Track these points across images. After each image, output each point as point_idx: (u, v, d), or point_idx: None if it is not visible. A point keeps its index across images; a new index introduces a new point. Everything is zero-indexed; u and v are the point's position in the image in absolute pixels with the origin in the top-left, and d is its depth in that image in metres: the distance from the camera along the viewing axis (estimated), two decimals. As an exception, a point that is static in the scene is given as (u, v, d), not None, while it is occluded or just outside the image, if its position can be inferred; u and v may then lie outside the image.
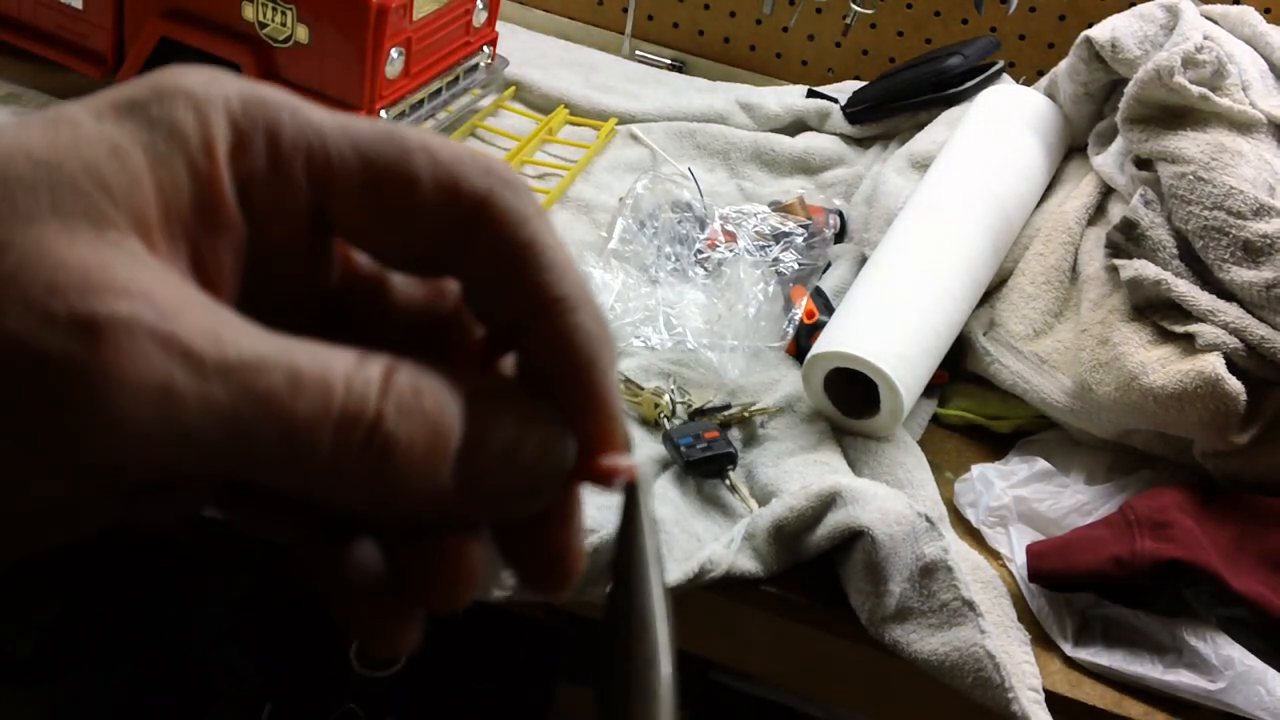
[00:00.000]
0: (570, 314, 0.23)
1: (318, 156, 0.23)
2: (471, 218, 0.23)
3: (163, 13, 0.95)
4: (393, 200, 0.23)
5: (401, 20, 0.94)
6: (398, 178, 0.23)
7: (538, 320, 0.23)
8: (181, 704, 1.29)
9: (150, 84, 0.22)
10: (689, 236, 0.98)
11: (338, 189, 0.23)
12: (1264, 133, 0.89)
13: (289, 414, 0.20)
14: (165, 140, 0.21)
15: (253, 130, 0.22)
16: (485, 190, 0.23)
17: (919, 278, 0.87)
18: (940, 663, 0.69)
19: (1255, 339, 0.78)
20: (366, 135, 0.23)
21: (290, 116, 0.23)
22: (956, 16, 1.31)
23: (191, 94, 0.22)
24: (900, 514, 0.72)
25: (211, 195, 0.22)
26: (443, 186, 0.23)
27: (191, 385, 0.19)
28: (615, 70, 1.28)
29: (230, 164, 0.22)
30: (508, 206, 0.23)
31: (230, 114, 0.22)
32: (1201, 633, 0.72)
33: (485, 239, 0.23)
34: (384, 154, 0.23)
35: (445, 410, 0.22)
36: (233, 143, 0.22)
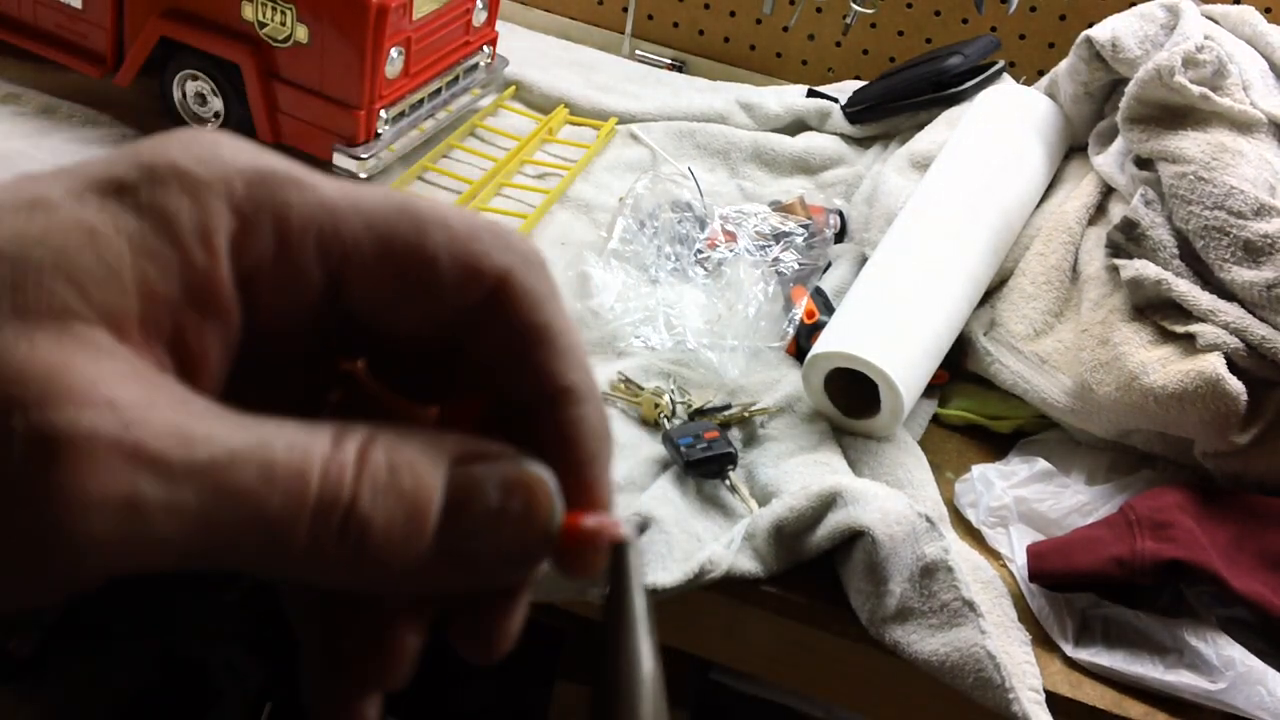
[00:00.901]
0: (576, 406, 0.23)
1: (329, 237, 0.22)
2: (488, 297, 0.22)
3: (162, 12, 0.95)
4: (409, 280, 0.22)
5: (401, 20, 0.94)
6: (414, 257, 0.22)
7: (544, 407, 0.23)
8: (181, 704, 1.29)
9: (140, 162, 0.21)
10: (689, 236, 0.98)
11: (351, 270, 0.22)
12: (1264, 132, 0.89)
13: (263, 509, 0.19)
14: (154, 230, 0.20)
15: (258, 216, 0.21)
16: (505, 269, 0.22)
17: (919, 278, 0.87)
18: (941, 663, 0.69)
19: (1256, 339, 0.78)
20: (380, 211, 0.22)
21: (299, 195, 0.21)
22: (957, 16, 1.31)
23: (188, 176, 0.20)
24: (901, 514, 0.72)
25: (208, 287, 0.21)
26: (461, 265, 0.22)
27: (159, 494, 0.18)
28: (615, 70, 1.27)
29: (231, 254, 0.21)
30: (526, 287, 0.22)
31: (233, 199, 0.21)
32: (1202, 633, 0.72)
33: (500, 318, 0.22)
34: (399, 232, 0.22)
35: (423, 486, 0.21)
36: (235, 230, 0.21)
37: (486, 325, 0.23)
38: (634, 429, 0.83)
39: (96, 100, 1.03)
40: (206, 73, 0.97)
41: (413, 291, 0.22)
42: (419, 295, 0.22)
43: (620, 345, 0.89)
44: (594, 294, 0.91)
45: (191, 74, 0.97)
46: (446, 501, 0.21)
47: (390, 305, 0.23)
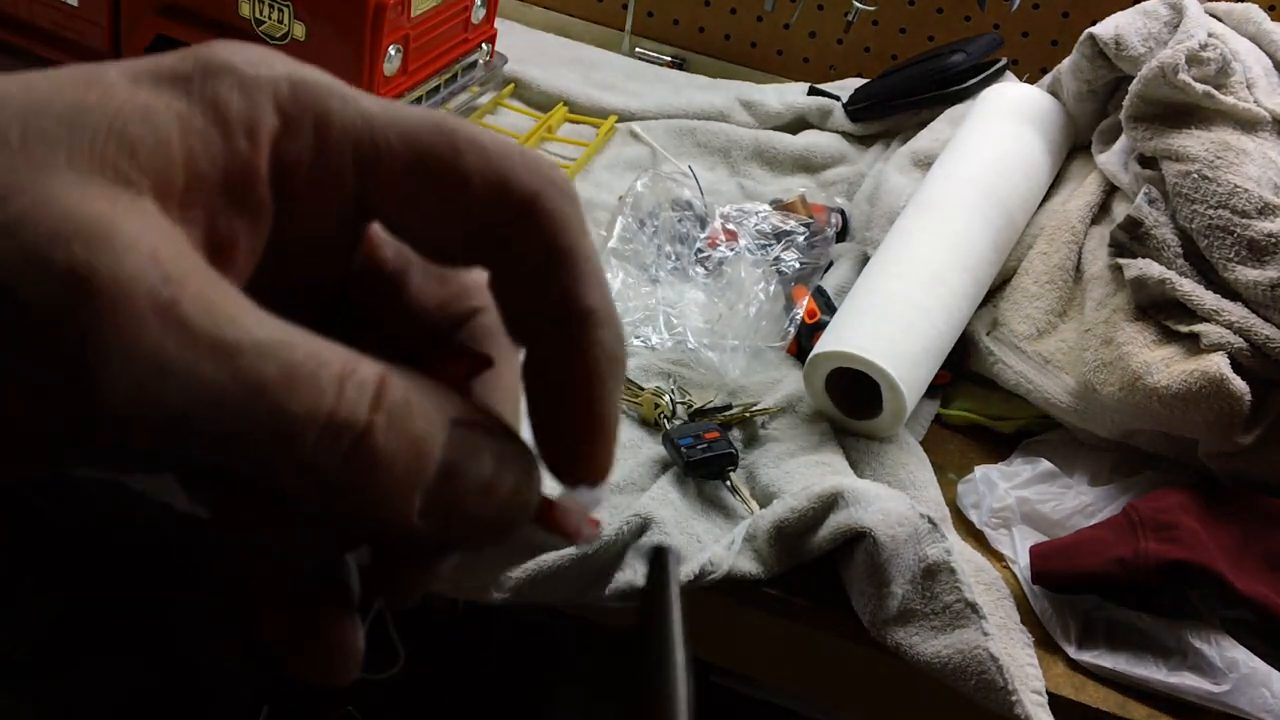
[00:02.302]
0: (596, 328, 0.23)
1: (365, 147, 0.22)
2: (516, 217, 0.23)
3: (158, 10, 0.95)
4: (440, 194, 0.23)
5: (399, 17, 0.93)
6: (447, 172, 0.22)
7: (562, 328, 0.23)
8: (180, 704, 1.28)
9: (197, 57, 0.21)
10: (689, 235, 0.98)
11: (383, 180, 0.22)
12: (1269, 131, 0.88)
13: (278, 408, 0.19)
14: (204, 115, 0.21)
15: (301, 117, 0.22)
16: (534, 191, 0.23)
17: (921, 277, 0.87)
18: (943, 665, 0.68)
19: (1260, 339, 0.78)
20: (416, 126, 0.22)
21: (340, 104, 0.22)
22: (959, 13, 1.30)
23: (239, 73, 0.21)
24: (902, 515, 0.71)
25: (247, 178, 0.21)
26: (491, 183, 0.23)
27: (183, 360, 0.18)
28: (615, 67, 1.27)
29: (272, 150, 0.22)
30: (554, 210, 0.23)
31: (278, 98, 0.22)
32: (1206, 635, 0.72)
33: (527, 239, 0.23)
34: (434, 147, 0.22)
35: (431, 434, 0.21)
36: (278, 128, 0.22)
37: (511, 246, 0.23)
38: (634, 429, 0.82)
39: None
40: (204, 70, 0.96)
41: (441, 205, 0.23)
42: (449, 210, 0.23)
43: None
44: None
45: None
46: (444, 459, 0.21)
47: (417, 217, 0.23)
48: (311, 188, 0.22)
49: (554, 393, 0.24)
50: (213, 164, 0.21)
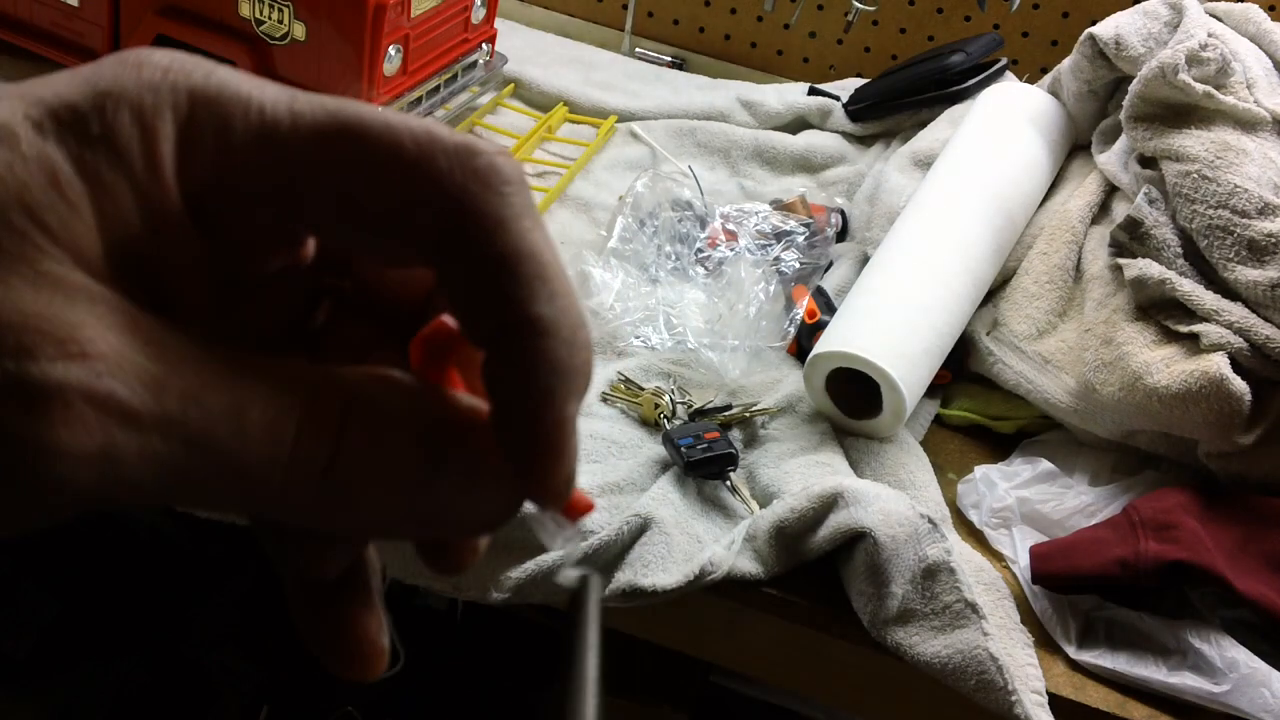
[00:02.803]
0: (538, 338, 0.21)
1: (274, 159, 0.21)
2: (446, 222, 0.21)
3: (159, 10, 0.95)
4: (359, 207, 0.21)
5: (399, 17, 0.93)
6: (364, 184, 0.21)
7: (503, 340, 0.22)
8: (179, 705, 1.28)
9: (95, 87, 0.21)
10: (689, 235, 0.98)
11: (301, 192, 0.21)
12: (1269, 131, 0.88)
13: (237, 464, 0.20)
14: (107, 160, 0.20)
15: (201, 138, 0.21)
16: (458, 192, 0.21)
17: (921, 277, 0.87)
18: (943, 665, 0.68)
19: (1260, 339, 0.78)
20: (326, 131, 0.21)
21: (243, 117, 0.21)
22: (959, 13, 1.30)
23: (135, 102, 0.20)
24: (902, 515, 0.71)
25: (162, 214, 0.21)
26: (413, 192, 0.21)
27: (133, 445, 0.19)
28: (615, 67, 1.27)
29: (178, 177, 0.21)
30: (484, 212, 0.21)
31: (178, 120, 0.21)
32: (1206, 635, 0.72)
33: (459, 244, 0.21)
34: (345, 156, 0.21)
35: (404, 446, 0.21)
36: (179, 154, 0.21)
37: (446, 252, 0.21)
38: (634, 429, 0.82)
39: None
40: (204, 70, 0.96)
41: (362, 214, 0.21)
42: (368, 217, 0.21)
43: (620, 345, 0.89)
44: (594, 293, 0.90)
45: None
46: (424, 462, 0.21)
47: (341, 226, 0.22)
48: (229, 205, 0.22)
49: (503, 410, 0.22)
50: (129, 212, 0.20)
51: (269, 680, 1.30)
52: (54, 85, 0.21)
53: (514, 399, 0.22)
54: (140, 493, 0.20)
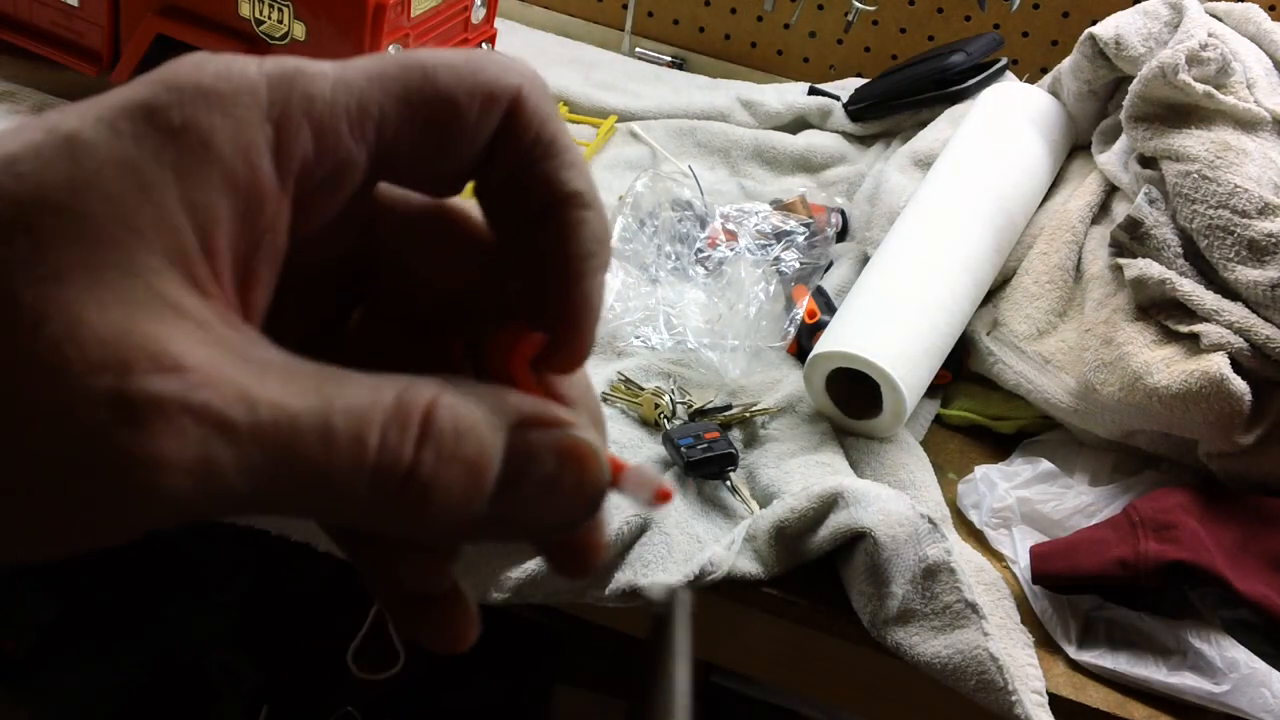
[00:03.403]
0: (582, 209, 0.24)
1: (357, 115, 0.22)
2: (504, 117, 0.23)
3: (159, 10, 0.95)
4: (438, 124, 0.23)
5: (399, 17, 0.93)
6: (437, 102, 0.23)
7: (550, 212, 0.24)
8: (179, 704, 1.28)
9: (167, 83, 0.21)
10: (689, 235, 0.98)
11: (387, 137, 0.22)
12: (1269, 131, 0.88)
13: (324, 471, 0.20)
14: (195, 154, 0.20)
15: (290, 116, 0.21)
16: (515, 89, 0.23)
17: (922, 277, 0.87)
18: (943, 665, 0.68)
19: (1260, 339, 0.77)
20: (390, 73, 0.22)
21: (319, 85, 0.22)
22: (959, 13, 1.30)
23: (214, 92, 0.21)
24: (902, 515, 0.71)
25: (256, 203, 0.21)
26: (478, 96, 0.23)
27: (228, 455, 0.19)
28: (615, 67, 1.27)
29: (274, 162, 0.21)
30: (536, 105, 0.23)
31: (261, 106, 0.21)
32: (1206, 635, 0.72)
33: (514, 136, 0.23)
34: (414, 86, 0.22)
35: (484, 452, 0.22)
36: (273, 139, 0.21)
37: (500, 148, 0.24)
38: (634, 429, 0.82)
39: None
40: (204, 70, 0.96)
41: (442, 138, 0.23)
42: (447, 139, 0.23)
43: (620, 345, 0.89)
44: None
45: (189, 72, 0.97)
46: (504, 468, 0.22)
47: (422, 159, 0.23)
48: (323, 180, 0.22)
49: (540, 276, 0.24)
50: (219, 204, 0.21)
51: (269, 680, 1.30)
52: (122, 91, 0.21)
53: (563, 264, 0.24)
54: (235, 503, 0.20)
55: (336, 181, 0.22)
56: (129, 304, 0.19)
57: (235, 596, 1.34)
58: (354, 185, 0.23)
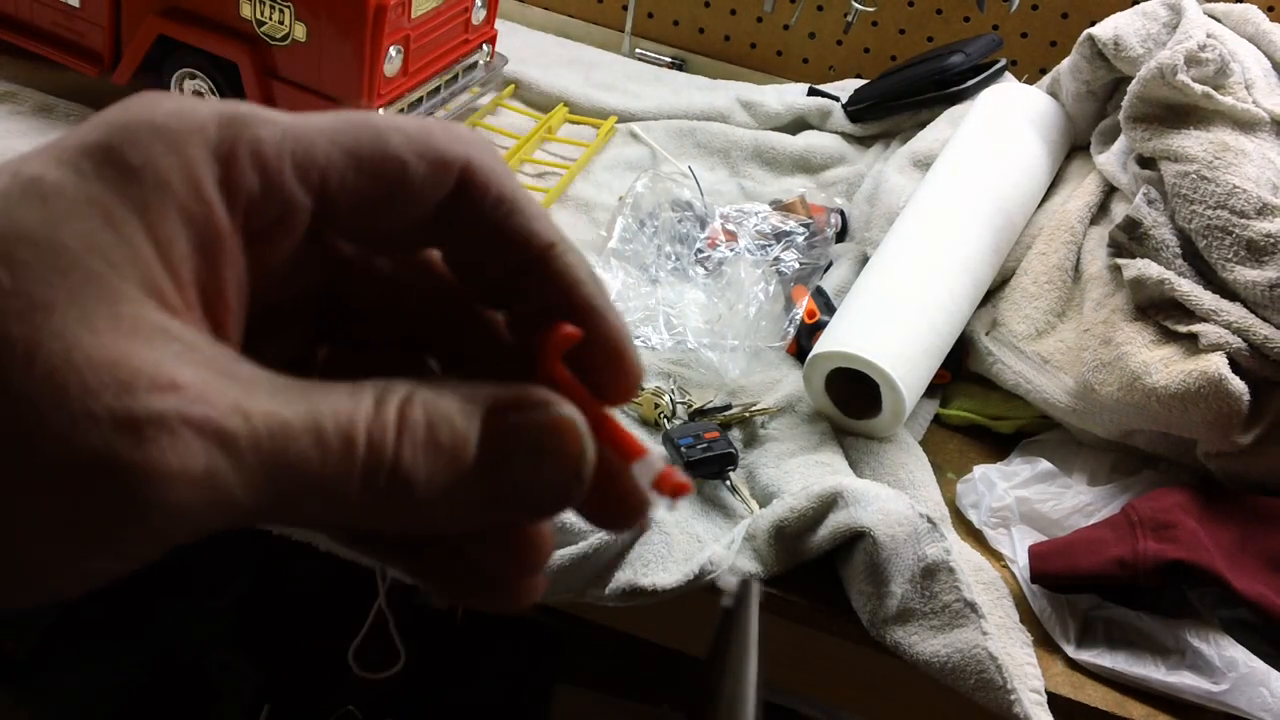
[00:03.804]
0: (564, 256, 0.25)
1: (305, 162, 0.23)
2: (457, 185, 0.24)
3: (160, 11, 0.95)
4: (385, 184, 0.23)
5: (400, 18, 0.94)
6: (384, 163, 0.23)
7: (536, 267, 0.24)
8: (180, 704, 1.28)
9: (118, 125, 0.21)
10: (689, 235, 0.98)
11: (332, 188, 0.23)
12: (1267, 131, 0.88)
13: (319, 476, 0.21)
14: (154, 191, 0.21)
15: (236, 154, 0.22)
16: (464, 156, 0.24)
17: (921, 277, 0.87)
18: (942, 664, 0.68)
19: (1259, 339, 0.78)
20: (342, 128, 0.23)
21: (268, 129, 0.22)
22: (958, 14, 1.30)
23: (165, 131, 0.21)
24: (902, 515, 0.71)
25: (211, 235, 0.22)
26: (427, 160, 0.23)
27: (231, 465, 0.20)
28: (615, 68, 1.27)
29: (222, 198, 0.22)
30: (488, 168, 0.24)
31: (209, 144, 0.22)
32: (1204, 634, 0.72)
33: (471, 202, 0.24)
34: (364, 142, 0.23)
35: (459, 438, 0.23)
36: (220, 175, 0.22)
37: (457, 214, 0.24)
38: (634, 429, 0.82)
39: (94, 99, 1.03)
40: (204, 71, 0.96)
41: (389, 197, 0.24)
42: (395, 199, 0.24)
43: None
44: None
45: (189, 72, 0.97)
46: (484, 451, 0.23)
47: (369, 215, 0.24)
48: (269, 219, 0.23)
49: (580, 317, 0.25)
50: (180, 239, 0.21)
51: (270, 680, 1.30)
52: (76, 134, 0.21)
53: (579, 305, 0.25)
54: (240, 513, 0.21)
55: (284, 224, 0.23)
56: (117, 330, 0.20)
57: (235, 597, 1.34)
58: (301, 229, 0.23)
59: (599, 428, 0.25)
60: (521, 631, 1.33)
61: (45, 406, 0.19)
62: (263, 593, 1.35)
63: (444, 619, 1.34)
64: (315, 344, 0.27)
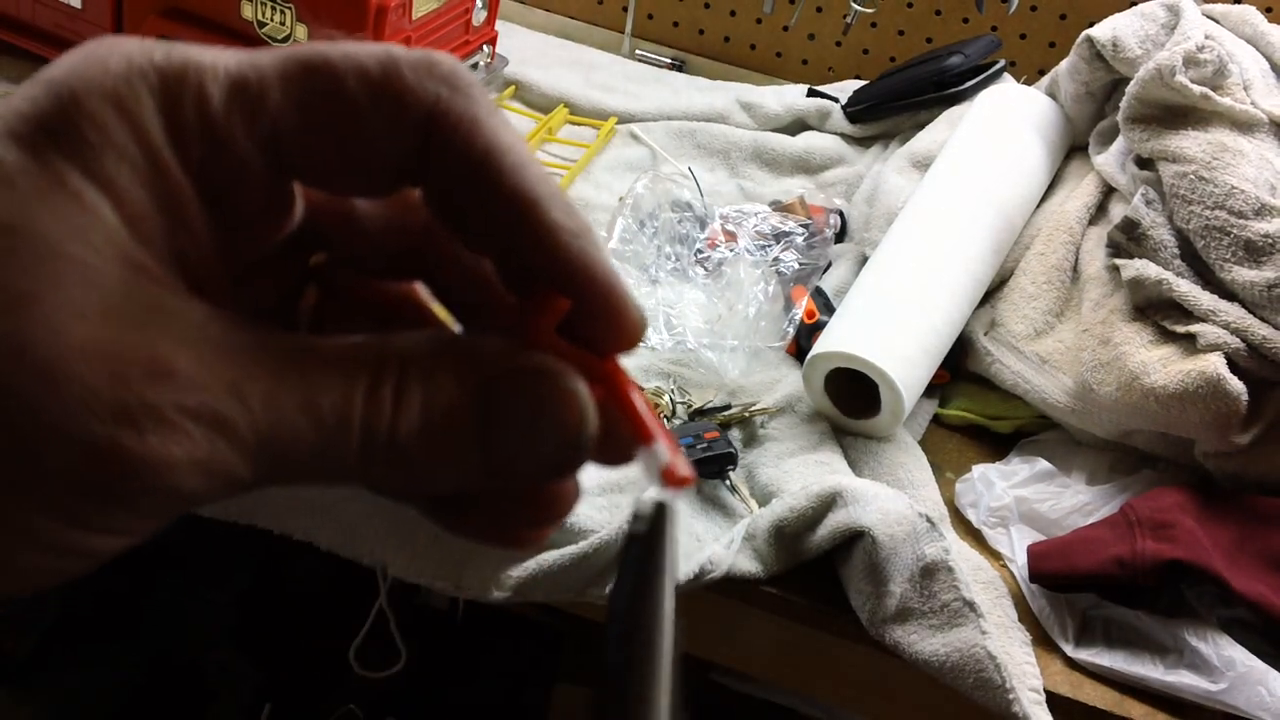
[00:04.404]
0: (547, 213, 0.22)
1: (254, 118, 0.22)
2: (422, 132, 0.22)
3: (161, 12, 0.95)
4: (341, 138, 0.22)
5: (401, 19, 0.94)
6: (340, 113, 0.22)
7: (518, 226, 0.22)
8: (180, 704, 1.29)
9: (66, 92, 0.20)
10: (689, 236, 0.98)
11: (285, 144, 0.22)
12: (1265, 132, 0.89)
13: (317, 452, 0.21)
14: (114, 164, 0.20)
15: (182, 115, 0.21)
16: (431, 100, 0.22)
17: (920, 277, 0.87)
18: (941, 663, 0.68)
19: (1257, 339, 0.78)
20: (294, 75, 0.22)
21: (213, 80, 0.21)
22: (957, 15, 1.30)
23: (113, 95, 0.21)
24: (901, 514, 0.72)
25: (174, 201, 0.21)
26: (384, 106, 0.22)
27: (231, 447, 0.20)
28: (615, 69, 1.27)
29: (176, 158, 0.21)
30: (459, 114, 0.22)
31: (157, 102, 0.21)
32: (1203, 633, 0.72)
33: (440, 150, 0.22)
34: (319, 91, 0.22)
35: (455, 406, 0.22)
36: (169, 136, 0.21)
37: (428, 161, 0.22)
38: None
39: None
40: (206, 72, 0.96)
41: (346, 145, 0.22)
42: (352, 148, 0.22)
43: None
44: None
45: (191, 73, 0.97)
46: (482, 418, 0.22)
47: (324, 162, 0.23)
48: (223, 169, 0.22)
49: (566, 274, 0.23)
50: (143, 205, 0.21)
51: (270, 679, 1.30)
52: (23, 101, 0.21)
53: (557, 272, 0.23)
54: (239, 486, 0.21)
55: (239, 180, 0.22)
56: (106, 315, 0.20)
57: (235, 596, 1.34)
58: (258, 183, 0.22)
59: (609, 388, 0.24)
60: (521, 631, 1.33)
61: (42, 401, 0.19)
62: (262, 592, 1.35)
63: (444, 618, 1.34)
64: (302, 282, 0.26)
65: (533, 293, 0.24)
